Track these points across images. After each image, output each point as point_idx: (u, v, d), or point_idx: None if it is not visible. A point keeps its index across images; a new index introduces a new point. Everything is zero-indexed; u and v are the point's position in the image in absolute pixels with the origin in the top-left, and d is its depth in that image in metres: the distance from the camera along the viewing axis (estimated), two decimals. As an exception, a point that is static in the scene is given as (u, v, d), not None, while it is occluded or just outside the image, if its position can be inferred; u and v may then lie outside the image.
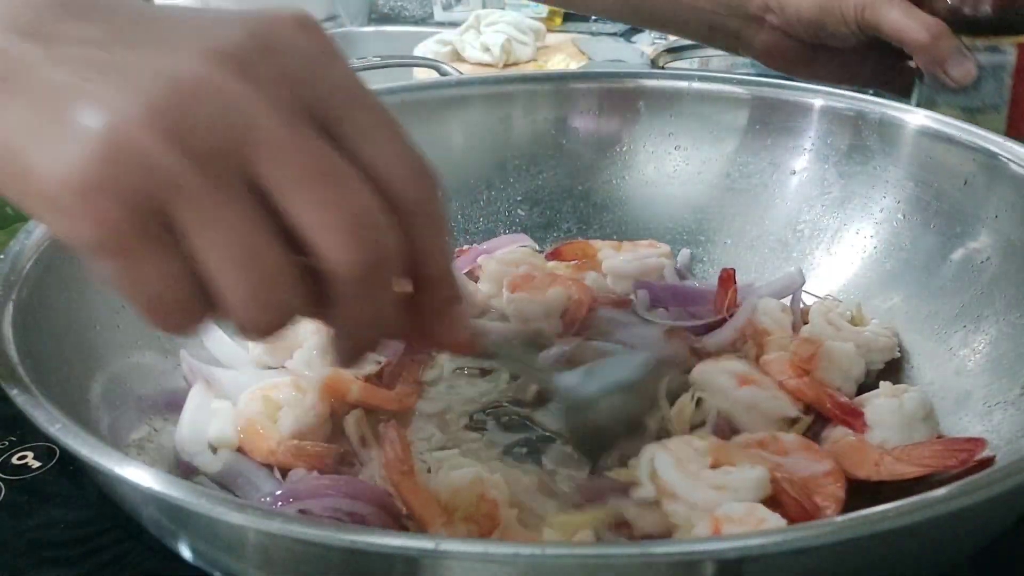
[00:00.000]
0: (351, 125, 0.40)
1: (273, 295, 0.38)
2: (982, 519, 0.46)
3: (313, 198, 0.37)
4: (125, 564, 0.60)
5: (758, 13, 1.06)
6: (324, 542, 0.39)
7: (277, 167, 0.37)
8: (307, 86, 0.38)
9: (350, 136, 0.39)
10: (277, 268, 0.38)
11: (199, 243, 0.37)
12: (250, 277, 0.37)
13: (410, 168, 0.40)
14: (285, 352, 0.79)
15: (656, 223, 0.99)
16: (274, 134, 0.36)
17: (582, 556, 0.38)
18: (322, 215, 0.37)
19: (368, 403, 0.72)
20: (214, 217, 0.36)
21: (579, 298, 0.84)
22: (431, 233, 0.42)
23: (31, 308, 0.59)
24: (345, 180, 0.38)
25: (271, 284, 0.38)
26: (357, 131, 0.40)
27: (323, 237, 0.38)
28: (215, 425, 0.70)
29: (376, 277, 0.39)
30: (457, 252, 0.98)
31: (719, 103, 0.96)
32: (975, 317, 0.72)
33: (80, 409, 0.58)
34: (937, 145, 0.80)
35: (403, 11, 2.59)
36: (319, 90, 0.39)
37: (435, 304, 0.46)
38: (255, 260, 0.37)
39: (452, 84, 1.00)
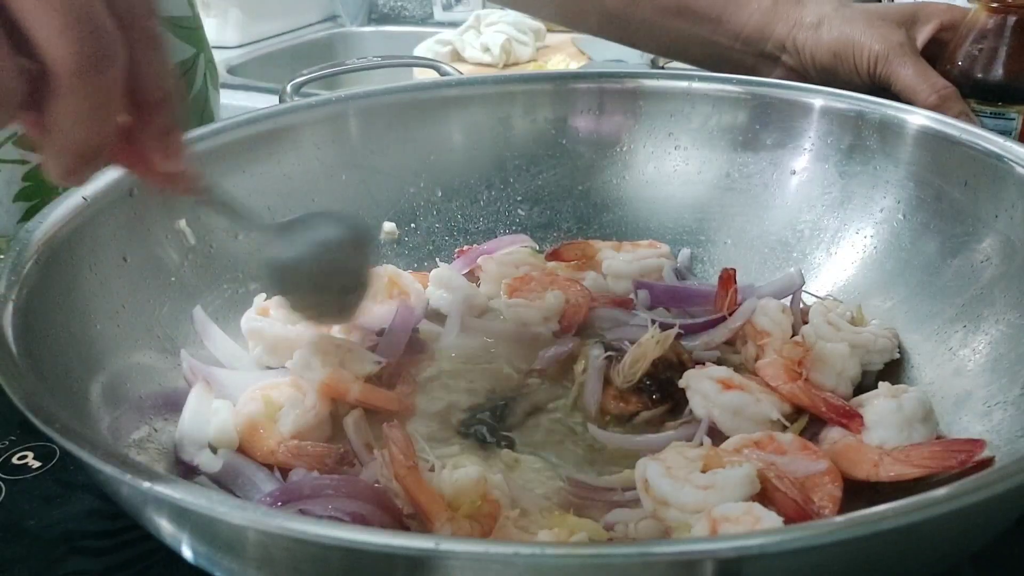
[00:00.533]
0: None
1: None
2: (982, 519, 0.46)
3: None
4: (131, 564, 0.60)
5: (774, 52, 1.08)
6: (324, 542, 0.39)
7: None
8: None
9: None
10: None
11: None
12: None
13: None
14: (286, 353, 0.79)
15: (656, 223, 0.99)
16: None
17: (582, 556, 0.38)
18: (44, 8, 0.39)
19: (368, 403, 0.72)
20: None
21: (577, 301, 0.84)
22: (150, 49, 0.44)
23: (31, 308, 0.59)
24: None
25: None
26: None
27: (43, 27, 0.40)
28: (215, 425, 0.70)
29: (94, 70, 0.41)
30: (457, 252, 0.98)
31: (719, 103, 0.96)
32: (975, 317, 0.72)
33: (80, 409, 0.58)
34: (937, 145, 0.80)
35: (403, 11, 2.60)
36: None
37: (154, 129, 0.47)
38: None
39: (452, 84, 1.00)
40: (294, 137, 0.91)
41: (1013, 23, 0.88)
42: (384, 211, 0.97)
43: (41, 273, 0.62)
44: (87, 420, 0.58)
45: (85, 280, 0.67)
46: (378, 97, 0.96)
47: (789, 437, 0.65)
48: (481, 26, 1.96)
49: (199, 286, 0.81)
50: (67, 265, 0.66)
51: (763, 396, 0.70)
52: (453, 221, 1.00)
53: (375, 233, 0.71)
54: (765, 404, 0.69)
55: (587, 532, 0.57)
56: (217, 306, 0.81)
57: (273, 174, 0.89)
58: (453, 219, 1.00)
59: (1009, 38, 0.89)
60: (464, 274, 0.93)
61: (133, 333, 0.71)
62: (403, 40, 2.30)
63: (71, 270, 0.66)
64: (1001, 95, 0.89)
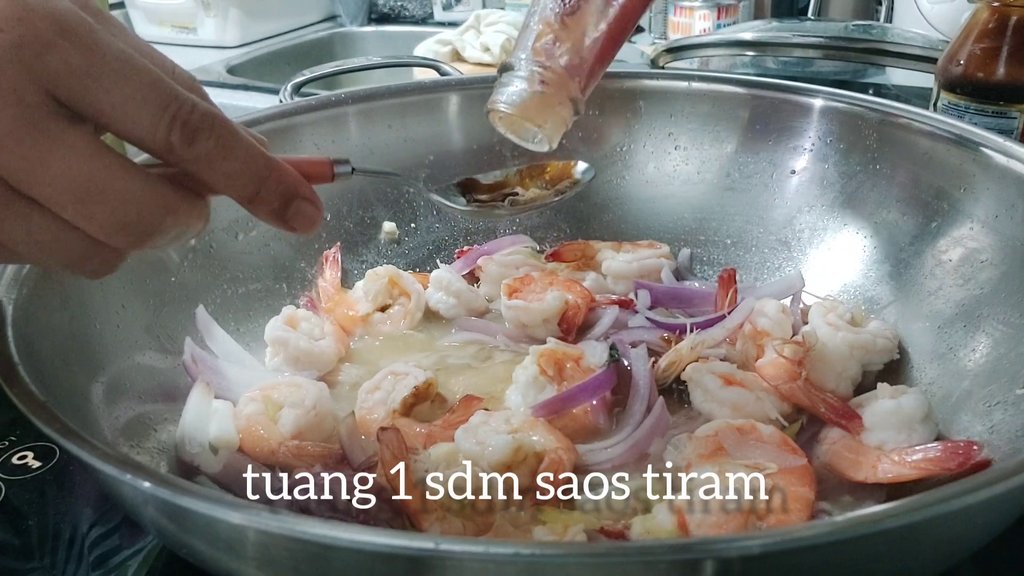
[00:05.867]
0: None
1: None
2: (982, 519, 0.46)
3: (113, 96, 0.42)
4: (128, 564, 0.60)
5: None
6: (324, 542, 0.39)
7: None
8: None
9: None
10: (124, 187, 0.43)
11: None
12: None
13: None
14: (307, 366, 0.79)
15: (656, 223, 0.99)
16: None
17: (582, 556, 0.38)
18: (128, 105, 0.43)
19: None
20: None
21: (577, 302, 0.84)
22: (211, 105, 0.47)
23: (31, 308, 0.59)
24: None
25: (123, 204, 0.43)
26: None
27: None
28: (215, 425, 0.69)
29: (196, 123, 0.44)
30: (457, 253, 0.98)
31: (719, 103, 0.96)
32: (975, 317, 0.72)
33: (80, 409, 0.58)
34: (937, 145, 0.80)
35: (403, 11, 2.59)
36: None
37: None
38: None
39: (452, 84, 1.00)
40: (294, 137, 0.91)
41: (1013, 23, 0.88)
42: (384, 211, 0.97)
43: (41, 273, 0.62)
44: (87, 420, 0.58)
45: (85, 280, 0.67)
46: (378, 97, 0.96)
47: (770, 430, 0.65)
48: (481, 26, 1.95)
49: (199, 286, 0.81)
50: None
51: (764, 394, 0.70)
52: (453, 221, 1.00)
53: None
54: (765, 402, 0.69)
55: (582, 525, 0.57)
56: (217, 306, 0.81)
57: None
58: (453, 219, 1.00)
59: (1009, 38, 0.89)
60: (464, 275, 0.93)
61: (133, 333, 0.71)
62: (403, 40, 2.30)
63: (71, 270, 0.66)
64: (1002, 95, 0.89)
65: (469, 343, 0.85)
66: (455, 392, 0.77)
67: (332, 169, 0.55)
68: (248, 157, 0.47)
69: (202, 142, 0.44)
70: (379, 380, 0.75)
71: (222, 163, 0.46)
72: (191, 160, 0.45)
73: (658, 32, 2.13)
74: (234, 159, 0.46)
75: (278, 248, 0.89)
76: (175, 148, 0.44)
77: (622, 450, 0.67)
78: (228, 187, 0.47)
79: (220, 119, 0.46)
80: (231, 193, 0.48)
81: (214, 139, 0.45)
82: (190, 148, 0.44)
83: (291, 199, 0.50)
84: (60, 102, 0.42)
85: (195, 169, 0.45)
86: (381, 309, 0.88)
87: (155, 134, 0.43)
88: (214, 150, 0.45)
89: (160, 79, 0.44)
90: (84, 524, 0.64)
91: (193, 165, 0.45)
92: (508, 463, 0.63)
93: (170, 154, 0.44)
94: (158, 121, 0.43)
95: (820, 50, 1.45)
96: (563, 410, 0.70)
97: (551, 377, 0.73)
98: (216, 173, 0.46)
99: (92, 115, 0.42)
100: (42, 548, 0.62)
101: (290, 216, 0.50)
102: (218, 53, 2.12)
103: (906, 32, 1.46)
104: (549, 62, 0.68)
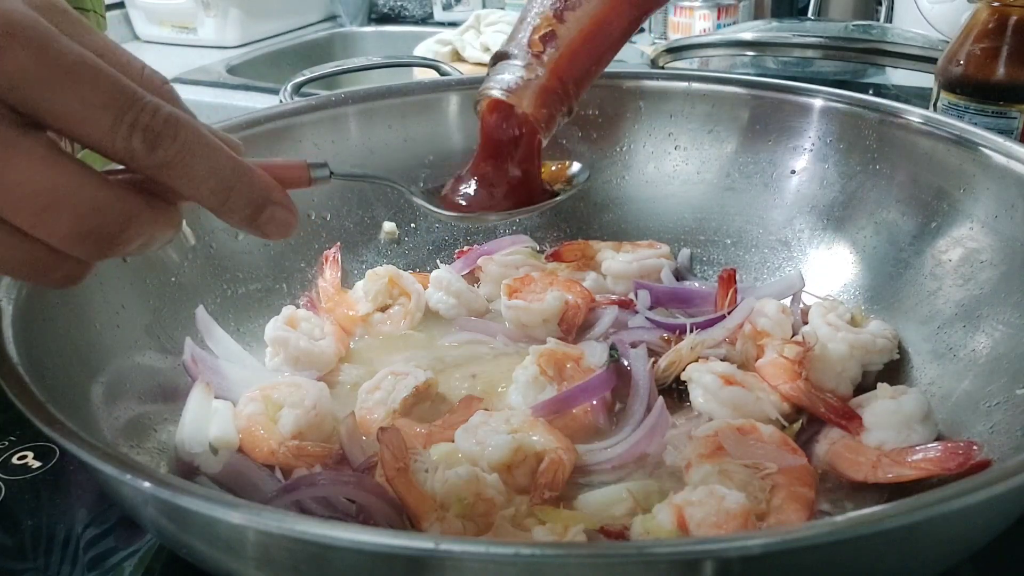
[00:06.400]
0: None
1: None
2: (982, 519, 0.46)
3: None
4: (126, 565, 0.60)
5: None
6: (324, 542, 0.39)
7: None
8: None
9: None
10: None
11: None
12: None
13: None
14: (307, 366, 0.79)
15: (656, 223, 0.99)
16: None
17: (582, 556, 0.38)
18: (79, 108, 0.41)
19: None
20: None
21: (577, 302, 0.84)
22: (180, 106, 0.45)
23: (31, 308, 0.59)
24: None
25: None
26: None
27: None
28: (215, 425, 0.69)
29: (158, 128, 0.42)
30: (457, 253, 0.98)
31: (719, 103, 0.96)
32: (975, 317, 0.72)
33: (80, 409, 0.58)
34: (937, 145, 0.80)
35: (403, 11, 2.59)
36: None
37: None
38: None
39: (452, 84, 1.00)
40: (294, 137, 0.91)
41: (1013, 23, 0.88)
42: (384, 211, 0.97)
43: (41, 273, 0.62)
44: (87, 420, 0.58)
45: (85, 280, 0.67)
46: (378, 97, 0.96)
47: (770, 430, 0.65)
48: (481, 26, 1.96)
49: (199, 286, 0.81)
50: (67, 265, 0.65)
51: (764, 394, 0.70)
52: (453, 221, 1.00)
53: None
54: (765, 402, 0.69)
55: (582, 525, 0.57)
56: (217, 305, 0.81)
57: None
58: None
59: (1009, 38, 0.89)
60: (464, 275, 0.93)
61: (133, 333, 0.71)
62: (403, 40, 2.30)
63: (71, 270, 0.66)
64: (1002, 95, 0.89)
65: (469, 343, 0.85)
66: (455, 392, 0.77)
67: (308, 173, 0.53)
68: (216, 162, 0.45)
69: (165, 147, 0.43)
70: (379, 380, 0.75)
71: (188, 169, 0.44)
72: (154, 166, 0.43)
73: (658, 32, 2.13)
74: (200, 165, 0.44)
75: (278, 248, 0.89)
76: (136, 154, 0.42)
77: (622, 450, 0.67)
78: (195, 194, 0.45)
79: (185, 123, 0.44)
80: (199, 200, 0.46)
81: (178, 144, 0.43)
82: (152, 154, 0.43)
83: (263, 205, 0.48)
84: (14, 108, 0.40)
85: (159, 175, 0.44)
86: (381, 309, 0.88)
87: (114, 140, 0.42)
88: (178, 156, 0.43)
89: (119, 82, 0.42)
90: (82, 522, 0.64)
91: (157, 171, 0.43)
92: (508, 463, 0.63)
93: (132, 160, 0.43)
94: (117, 126, 0.42)
95: (820, 50, 1.46)
96: (563, 410, 0.70)
97: (551, 377, 0.73)
98: (182, 179, 0.44)
99: (48, 121, 0.41)
100: (35, 548, 0.62)
101: (263, 223, 0.48)
102: (218, 53, 2.12)
103: (906, 32, 1.46)
104: (546, 55, 0.68)
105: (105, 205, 0.42)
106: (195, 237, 0.80)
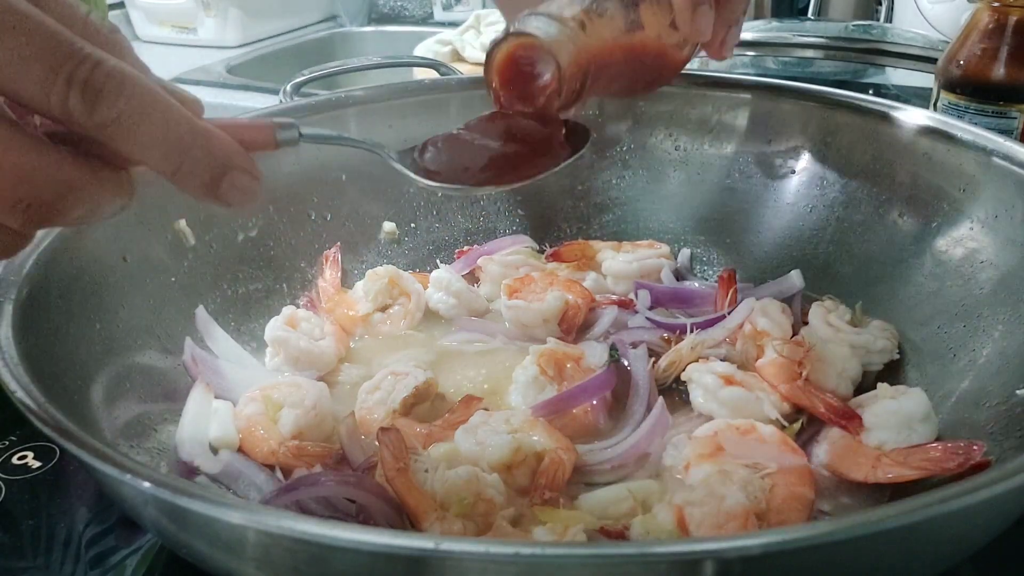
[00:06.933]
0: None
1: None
2: (982, 519, 0.46)
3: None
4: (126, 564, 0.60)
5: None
6: (324, 542, 0.39)
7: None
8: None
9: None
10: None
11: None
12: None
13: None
14: (307, 366, 0.79)
15: (656, 223, 0.99)
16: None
17: (582, 556, 0.38)
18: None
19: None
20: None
21: (577, 302, 0.84)
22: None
23: (31, 308, 0.59)
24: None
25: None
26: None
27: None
28: (215, 425, 0.70)
29: (99, 84, 0.38)
30: (457, 253, 0.98)
31: (719, 103, 0.96)
32: (975, 317, 0.72)
33: (80, 409, 0.58)
34: (937, 145, 0.80)
35: (403, 11, 2.59)
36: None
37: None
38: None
39: (452, 84, 1.00)
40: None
41: (1013, 23, 0.89)
42: (384, 211, 0.97)
43: (41, 273, 0.62)
44: (87, 420, 0.58)
45: (85, 280, 0.67)
46: (378, 97, 0.96)
47: (770, 430, 0.65)
48: (481, 26, 1.95)
49: (199, 286, 0.81)
50: (67, 265, 0.65)
51: (763, 394, 0.70)
52: (453, 221, 1.00)
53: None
54: (765, 402, 0.69)
55: (582, 525, 0.57)
56: (217, 305, 0.81)
57: (273, 174, 0.89)
58: (453, 219, 1.00)
59: (1009, 38, 0.89)
60: (464, 275, 0.93)
61: (133, 333, 0.71)
62: (403, 40, 2.30)
63: (71, 270, 0.66)
64: (1002, 95, 0.89)
65: (469, 343, 0.85)
66: (455, 392, 0.77)
67: (274, 135, 0.48)
68: (167, 122, 0.40)
69: (107, 106, 0.38)
70: (379, 380, 0.75)
71: (135, 130, 0.39)
72: (96, 127, 0.39)
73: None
74: (150, 126, 0.39)
75: (278, 248, 0.89)
76: (74, 113, 0.38)
77: (622, 450, 0.67)
78: (145, 158, 0.41)
79: (132, 78, 0.39)
80: (150, 165, 0.41)
81: (123, 101, 0.38)
82: (93, 113, 0.38)
83: (223, 172, 0.43)
84: None
85: (104, 137, 0.39)
86: (381, 309, 0.88)
87: (48, 96, 0.37)
88: (123, 115, 0.39)
89: (56, 32, 0.38)
90: (82, 521, 0.64)
91: (100, 132, 0.39)
92: (508, 463, 0.63)
93: (70, 120, 0.38)
94: (51, 81, 0.37)
95: (820, 50, 1.46)
96: (563, 410, 0.70)
97: (551, 377, 0.73)
98: (128, 142, 0.40)
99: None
100: (36, 548, 0.62)
101: (223, 191, 0.43)
102: (218, 53, 2.12)
103: (906, 32, 1.46)
104: (587, 26, 0.64)
105: (38, 172, 0.39)
106: (195, 237, 0.80)
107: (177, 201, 0.79)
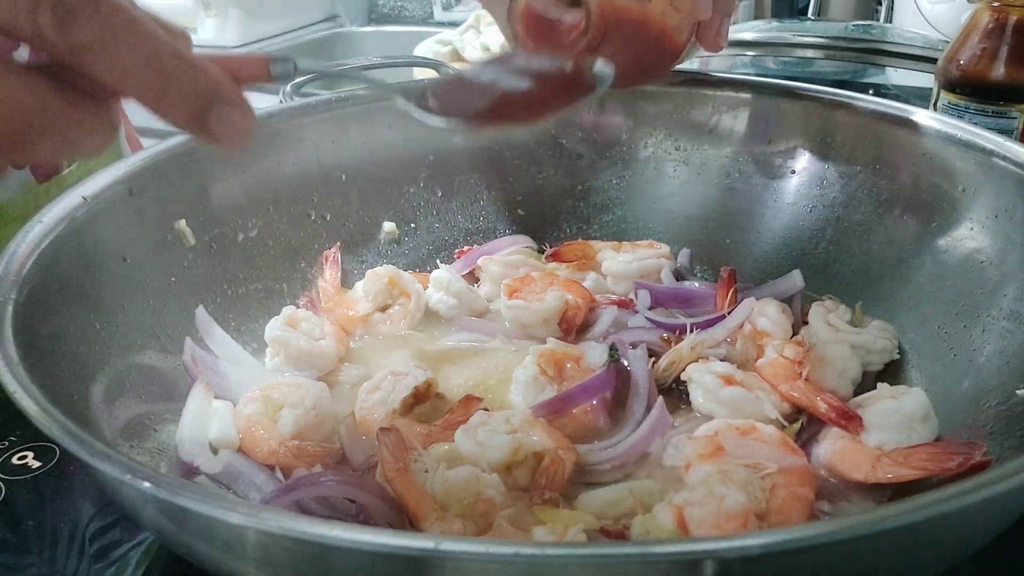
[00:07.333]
0: None
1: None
2: (982, 519, 0.46)
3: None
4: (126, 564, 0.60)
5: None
6: (324, 542, 0.39)
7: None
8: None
9: None
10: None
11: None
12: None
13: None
14: (307, 366, 0.79)
15: (656, 223, 0.99)
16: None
17: (582, 556, 0.38)
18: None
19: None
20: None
21: (577, 302, 0.84)
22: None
23: (31, 308, 0.59)
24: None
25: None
26: None
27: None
28: (215, 426, 0.70)
29: (72, 2, 0.36)
30: (457, 253, 0.98)
31: (719, 103, 0.96)
32: (975, 317, 0.72)
33: (80, 409, 0.58)
34: (937, 145, 0.80)
35: (403, 11, 2.60)
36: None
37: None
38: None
39: (452, 84, 1.00)
40: (294, 137, 0.91)
41: (1013, 23, 0.89)
42: (384, 211, 0.97)
43: (41, 273, 0.62)
44: (87, 420, 0.58)
45: (85, 280, 0.67)
46: (378, 97, 0.96)
47: (770, 430, 0.65)
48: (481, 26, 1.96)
49: (199, 286, 0.81)
50: (67, 265, 0.65)
51: (763, 394, 0.70)
52: (453, 221, 1.00)
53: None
54: (765, 402, 0.69)
55: (582, 525, 0.57)
56: (217, 305, 0.81)
57: (273, 174, 0.89)
58: (453, 219, 1.00)
59: (1010, 38, 0.89)
60: (464, 275, 0.93)
61: (133, 333, 0.71)
62: (403, 40, 2.30)
63: (71, 270, 0.66)
64: (1002, 95, 0.89)
65: (469, 343, 0.85)
66: (455, 392, 0.77)
67: (268, 68, 0.46)
68: (148, 47, 0.38)
69: (82, 25, 0.36)
70: (379, 380, 0.75)
71: (112, 54, 0.37)
72: (71, 49, 0.36)
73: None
74: (128, 49, 0.37)
75: (278, 248, 0.89)
76: (45, 33, 0.36)
77: (622, 450, 0.67)
78: (124, 84, 0.38)
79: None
80: (130, 92, 0.39)
81: (99, 21, 0.36)
82: (65, 33, 0.36)
83: (209, 102, 0.40)
84: None
85: (79, 62, 0.37)
86: (381, 309, 0.88)
87: (16, 14, 0.35)
88: (99, 36, 0.36)
89: None
90: (84, 518, 0.64)
91: (75, 56, 0.36)
92: (508, 463, 0.63)
93: (41, 41, 0.36)
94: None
95: (820, 50, 1.46)
96: (563, 410, 0.70)
97: (551, 377, 0.73)
98: (105, 67, 0.37)
99: None
100: (41, 544, 0.62)
101: (211, 124, 0.41)
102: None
103: (906, 32, 1.46)
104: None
105: (5, 94, 0.36)
106: (195, 237, 0.80)
107: (177, 201, 0.79)
